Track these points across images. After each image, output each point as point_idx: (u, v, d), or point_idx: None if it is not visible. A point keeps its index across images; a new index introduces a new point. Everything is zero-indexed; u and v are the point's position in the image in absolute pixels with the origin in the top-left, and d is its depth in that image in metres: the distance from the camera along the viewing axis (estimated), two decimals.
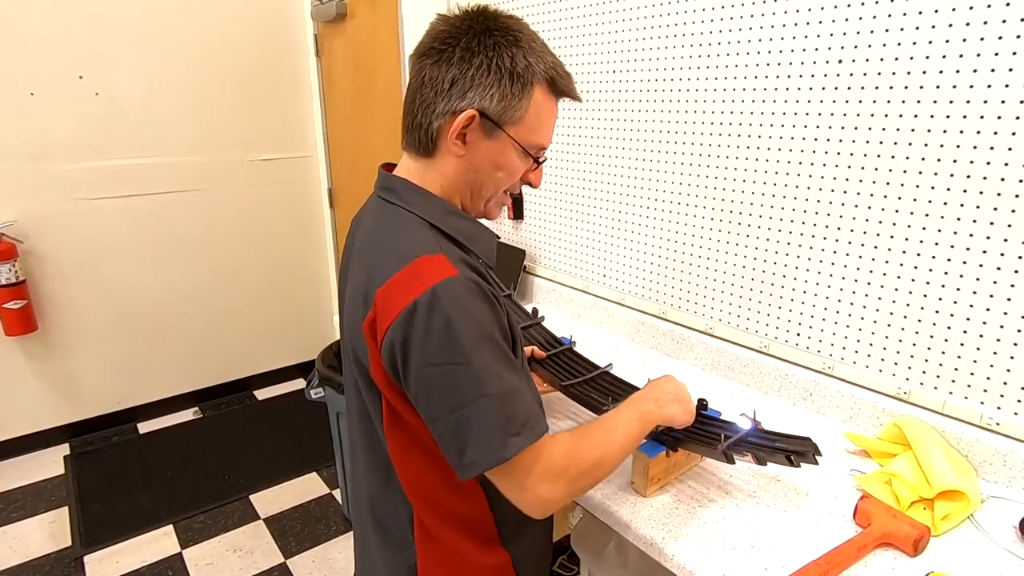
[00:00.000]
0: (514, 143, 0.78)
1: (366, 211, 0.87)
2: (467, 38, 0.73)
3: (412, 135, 0.79)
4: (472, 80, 0.73)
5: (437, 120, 0.75)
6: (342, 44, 2.64)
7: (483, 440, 0.68)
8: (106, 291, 2.57)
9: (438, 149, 0.78)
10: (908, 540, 0.83)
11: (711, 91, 1.28)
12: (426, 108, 0.76)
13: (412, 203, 0.79)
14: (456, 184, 0.80)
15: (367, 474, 0.89)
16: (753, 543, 0.86)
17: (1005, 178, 0.92)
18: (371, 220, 0.84)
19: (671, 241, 1.44)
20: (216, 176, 2.73)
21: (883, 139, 1.04)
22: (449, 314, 0.68)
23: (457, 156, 0.77)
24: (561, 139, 1.66)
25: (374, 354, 0.74)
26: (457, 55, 0.73)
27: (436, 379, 0.69)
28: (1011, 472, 0.97)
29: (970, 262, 0.98)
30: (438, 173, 0.79)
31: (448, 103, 0.74)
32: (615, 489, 0.98)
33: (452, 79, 0.73)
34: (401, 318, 0.69)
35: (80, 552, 1.97)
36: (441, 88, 0.74)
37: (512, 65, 0.74)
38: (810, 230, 1.17)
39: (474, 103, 0.74)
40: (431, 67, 0.75)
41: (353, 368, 0.83)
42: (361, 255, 0.81)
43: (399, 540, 0.86)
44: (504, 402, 0.69)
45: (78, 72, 2.34)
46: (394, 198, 0.80)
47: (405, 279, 0.70)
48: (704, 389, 1.31)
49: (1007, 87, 0.90)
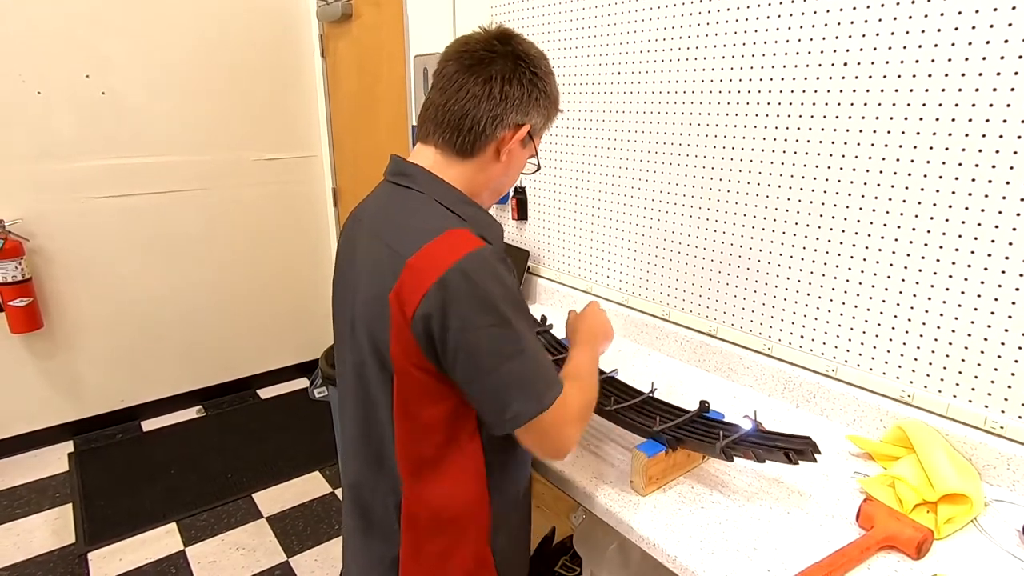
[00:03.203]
0: (535, 151, 0.91)
1: (372, 198, 0.91)
2: (535, 63, 0.85)
3: (452, 133, 0.83)
4: (534, 100, 0.85)
5: (503, 129, 0.84)
6: (347, 44, 2.65)
7: (525, 394, 0.76)
8: (111, 289, 2.58)
9: (484, 151, 0.84)
10: (911, 543, 0.83)
11: (718, 93, 1.28)
12: (490, 114, 0.82)
13: (428, 188, 0.84)
14: (486, 184, 0.88)
15: (355, 461, 0.91)
16: (756, 544, 0.86)
17: (1010, 181, 0.92)
18: (383, 201, 0.87)
19: (675, 243, 1.44)
20: (220, 176, 2.74)
21: (888, 142, 1.04)
22: (486, 280, 0.74)
23: (499, 161, 0.86)
24: (565, 141, 1.66)
25: (400, 326, 0.76)
26: (527, 77, 0.83)
27: (479, 341, 0.74)
28: (1015, 476, 0.96)
29: (975, 265, 0.98)
30: (472, 170, 0.86)
31: (514, 116, 0.84)
32: (617, 490, 0.98)
33: (522, 96, 0.83)
34: (437, 286, 0.73)
35: (84, 549, 1.98)
36: (513, 104, 0.83)
37: (553, 91, 0.88)
38: (814, 232, 1.17)
39: (531, 119, 0.86)
40: (502, 84, 0.82)
41: (362, 350, 0.83)
42: (377, 232, 0.83)
43: (384, 531, 0.88)
44: (538, 358, 0.78)
45: (84, 72, 2.35)
46: (408, 182, 0.85)
47: (437, 249, 0.75)
48: (707, 391, 1.31)
49: (1012, 90, 0.90)
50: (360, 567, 0.95)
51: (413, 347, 0.76)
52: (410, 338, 0.76)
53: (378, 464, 0.87)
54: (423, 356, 0.76)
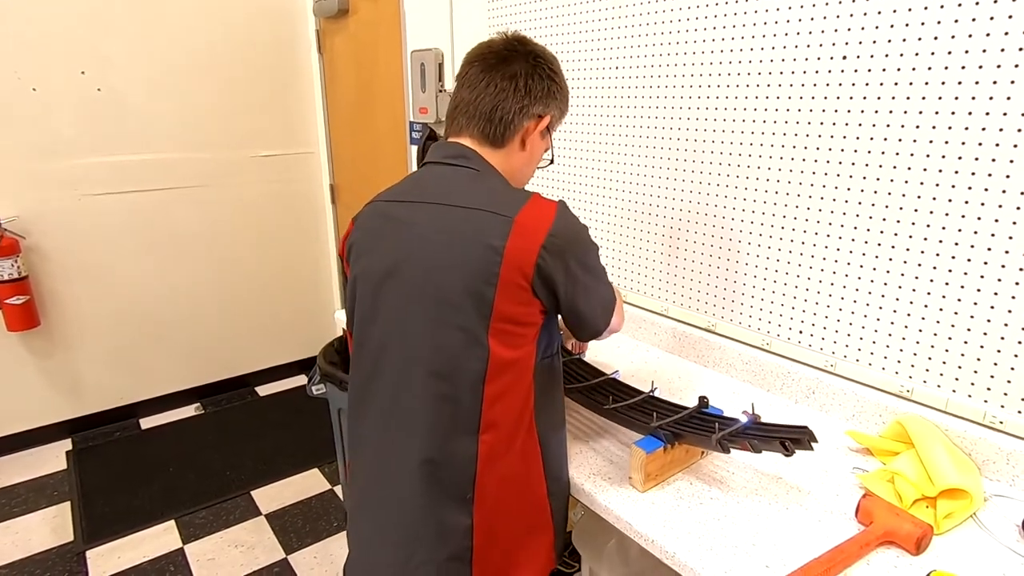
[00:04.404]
0: (551, 142, 1.02)
1: (419, 180, 0.95)
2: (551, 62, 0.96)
3: (485, 124, 0.92)
4: (553, 94, 0.95)
5: (528, 120, 0.93)
6: (344, 40, 2.64)
7: (607, 304, 0.97)
8: (108, 287, 2.57)
9: (511, 141, 0.94)
10: (911, 538, 0.83)
11: (717, 87, 1.27)
12: (520, 109, 0.92)
13: (486, 170, 0.92)
14: (512, 172, 0.96)
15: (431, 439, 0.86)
16: (755, 541, 0.86)
17: (1010, 175, 0.91)
18: (438, 179, 0.92)
19: (672, 236, 1.43)
20: (218, 172, 2.73)
21: (887, 136, 1.03)
22: (579, 227, 0.89)
23: (523, 150, 0.96)
24: (563, 136, 1.65)
25: (511, 281, 0.82)
26: (546, 73, 0.94)
27: (591, 275, 0.90)
28: (1014, 471, 0.96)
29: (974, 259, 0.97)
30: (503, 159, 0.94)
31: (536, 107, 0.93)
32: (616, 486, 0.97)
33: (544, 91, 0.94)
34: (551, 237, 0.83)
35: (82, 547, 1.97)
36: (536, 97, 0.93)
37: (567, 90, 1.00)
38: (813, 227, 1.17)
39: (551, 111, 0.96)
40: (526, 79, 0.92)
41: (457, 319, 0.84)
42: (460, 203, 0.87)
43: (458, 499, 0.87)
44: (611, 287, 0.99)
45: (80, 68, 2.33)
46: (467, 163, 0.92)
47: (535, 209, 0.85)
48: (706, 387, 1.31)
49: (1013, 83, 0.89)
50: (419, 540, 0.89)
51: (526, 295, 0.84)
52: (526, 288, 0.83)
53: (462, 434, 0.86)
54: (534, 298, 0.84)
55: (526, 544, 0.94)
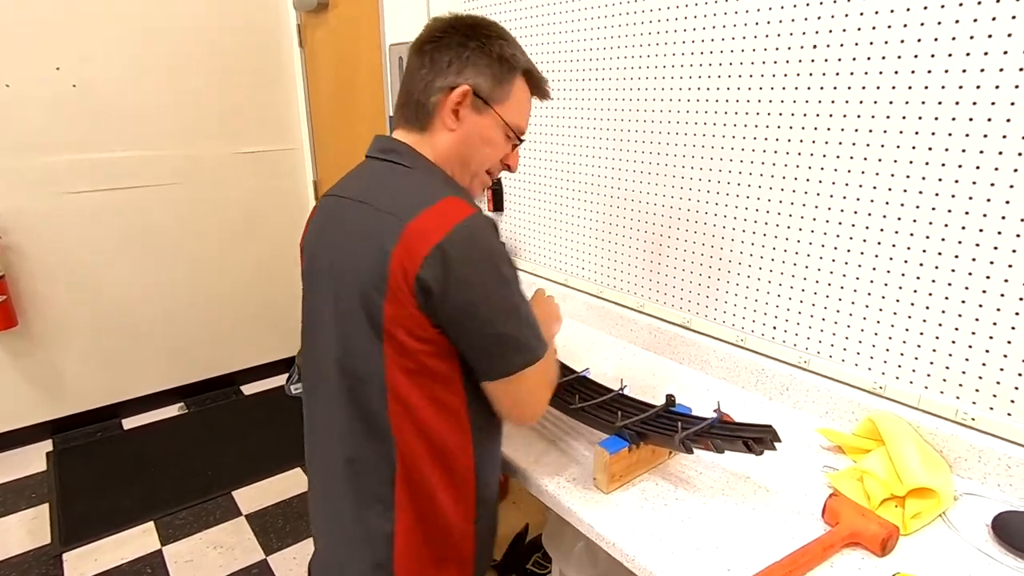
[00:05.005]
0: (500, 120, 0.88)
1: (354, 175, 0.92)
2: (464, 29, 0.86)
3: (407, 111, 0.87)
4: (467, 61, 0.84)
5: (435, 95, 0.84)
6: (325, 34, 2.61)
7: (519, 345, 0.80)
8: (89, 286, 2.54)
9: (432, 123, 0.86)
10: (876, 539, 0.81)
11: (692, 86, 1.25)
12: (425, 86, 0.85)
13: (417, 165, 0.86)
14: (447, 156, 0.87)
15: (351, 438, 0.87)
16: (718, 543, 0.84)
17: (980, 165, 0.89)
18: (371, 175, 0.88)
19: (649, 233, 1.41)
20: (199, 169, 2.70)
21: (858, 139, 1.01)
22: (484, 243, 0.78)
23: (450, 130, 0.86)
24: (542, 131, 1.63)
25: (398, 288, 0.76)
26: (456, 41, 0.84)
27: (479, 297, 0.77)
28: (986, 468, 0.94)
29: (945, 252, 0.95)
30: (430, 146, 0.87)
31: (445, 80, 0.84)
32: (580, 487, 0.95)
33: (449, 60, 0.84)
34: (439, 248, 0.74)
35: (59, 550, 1.95)
36: (440, 68, 0.84)
37: (500, 53, 0.86)
38: (786, 220, 1.14)
39: (468, 80, 0.84)
40: (431, 52, 0.85)
41: (356, 322, 0.81)
42: (370, 202, 0.83)
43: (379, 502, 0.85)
44: (530, 318, 0.82)
45: (55, 64, 2.30)
46: (396, 158, 0.86)
47: (435, 214, 0.77)
48: (681, 384, 1.29)
49: (978, 88, 0.87)
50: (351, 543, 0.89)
51: (411, 308, 0.77)
52: (410, 299, 0.76)
53: (368, 435, 0.85)
54: (420, 314, 0.77)
55: (444, 568, 0.90)
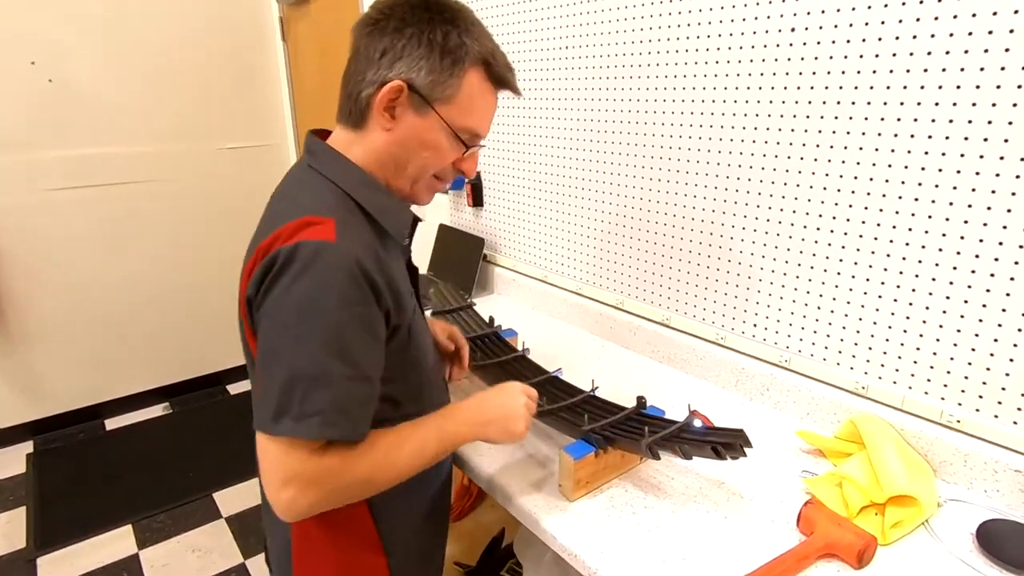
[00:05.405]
0: (443, 123, 0.75)
1: (285, 178, 0.83)
2: (403, 10, 0.72)
3: (344, 105, 0.77)
4: (403, 50, 0.72)
5: (366, 89, 0.73)
6: (307, 27, 2.56)
7: (265, 403, 0.66)
8: (70, 284, 2.50)
9: (367, 121, 0.75)
10: (852, 551, 0.76)
11: (670, 80, 1.20)
12: (357, 77, 0.74)
13: (329, 169, 0.76)
14: (381, 159, 0.77)
15: None
16: (685, 554, 0.79)
17: (960, 170, 0.84)
18: (286, 180, 0.81)
19: (628, 228, 1.36)
20: (183, 165, 2.65)
21: (849, 128, 0.96)
22: (300, 276, 0.65)
23: (384, 129, 0.75)
24: (521, 125, 1.58)
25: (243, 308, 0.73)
26: (391, 26, 0.72)
27: (267, 328, 0.68)
28: (972, 473, 0.89)
29: (929, 246, 0.90)
30: (364, 146, 0.76)
31: (377, 72, 0.73)
32: (544, 494, 0.91)
33: (383, 49, 0.72)
34: (261, 267, 0.67)
35: (34, 554, 1.91)
36: (372, 58, 0.73)
37: (444, 41, 0.72)
38: (766, 215, 1.09)
39: (402, 74, 0.72)
40: (366, 37, 0.74)
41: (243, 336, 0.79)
42: (263, 217, 0.77)
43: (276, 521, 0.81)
44: (304, 383, 0.65)
45: (30, 58, 2.25)
46: (313, 162, 0.78)
47: (283, 233, 0.67)
48: (659, 383, 1.24)
49: (958, 88, 0.81)
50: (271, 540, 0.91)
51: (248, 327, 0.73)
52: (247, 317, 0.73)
53: None
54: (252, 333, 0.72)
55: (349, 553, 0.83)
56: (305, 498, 0.66)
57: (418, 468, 0.76)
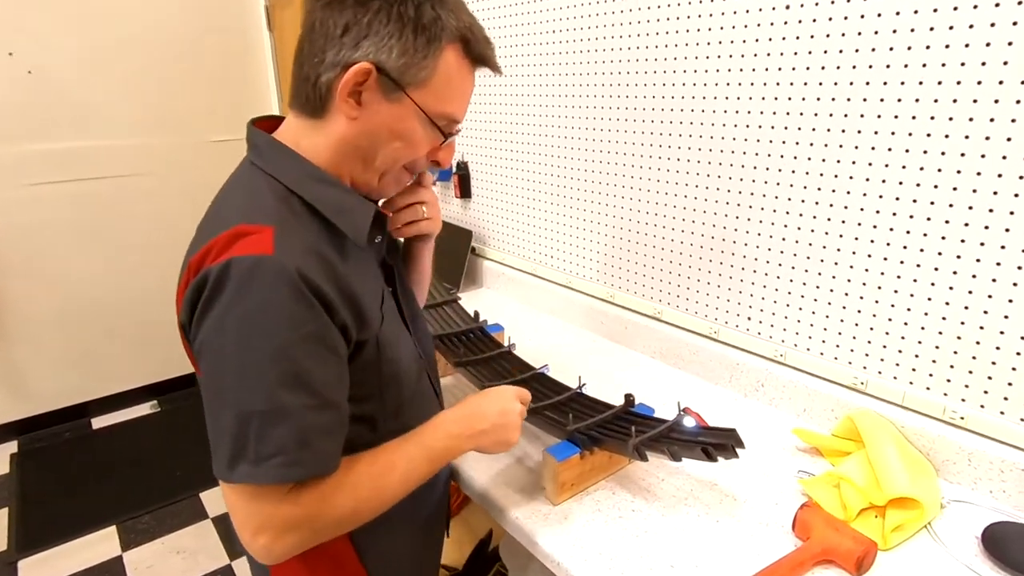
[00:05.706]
0: (417, 109, 0.65)
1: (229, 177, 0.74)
2: None
3: (299, 90, 0.66)
4: (369, 27, 0.61)
5: (327, 73, 0.63)
6: (293, 15, 2.50)
7: (219, 451, 0.59)
8: (55, 280, 2.44)
9: (328, 109, 0.65)
10: (850, 557, 0.72)
11: (663, 71, 1.15)
12: (314, 58, 0.63)
13: (272, 164, 0.67)
14: (344, 151, 0.66)
15: None
16: (674, 561, 0.75)
17: (961, 170, 0.79)
18: (225, 184, 0.72)
19: (620, 219, 1.31)
20: (169, 159, 2.59)
21: (842, 124, 0.91)
22: (235, 300, 0.57)
23: (349, 118, 0.64)
24: (511, 114, 1.53)
25: (181, 333, 0.66)
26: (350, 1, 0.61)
27: (207, 364, 0.60)
28: (976, 472, 0.85)
29: (931, 234, 0.86)
30: (325, 137, 0.66)
31: (339, 53, 0.62)
32: (527, 497, 0.86)
33: (345, 25, 0.61)
34: (191, 289, 0.60)
35: (15, 557, 1.87)
36: (332, 35, 0.62)
37: (417, 15, 0.62)
38: (760, 203, 1.05)
39: (370, 55, 0.62)
40: (323, 9, 0.62)
41: None
42: (199, 224, 0.69)
43: None
44: (256, 421, 0.58)
45: (7, 48, 2.19)
46: (256, 158, 0.68)
47: (214, 248, 0.59)
48: (652, 379, 1.20)
49: (959, 83, 0.77)
50: None
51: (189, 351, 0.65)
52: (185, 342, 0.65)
53: None
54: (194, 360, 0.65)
55: None
56: (282, 543, 0.60)
57: (409, 490, 0.69)
